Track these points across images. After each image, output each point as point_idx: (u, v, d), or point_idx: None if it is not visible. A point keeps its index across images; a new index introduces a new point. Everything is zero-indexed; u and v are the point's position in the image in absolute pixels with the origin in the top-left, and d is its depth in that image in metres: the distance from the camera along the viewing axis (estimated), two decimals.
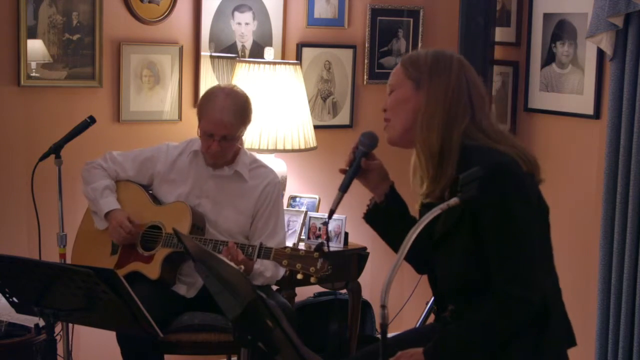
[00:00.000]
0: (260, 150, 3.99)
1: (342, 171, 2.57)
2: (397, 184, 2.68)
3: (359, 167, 2.56)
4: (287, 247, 3.11)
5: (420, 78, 2.43)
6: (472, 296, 2.39)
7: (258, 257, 3.14)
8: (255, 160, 3.56)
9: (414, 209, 2.62)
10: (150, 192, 3.56)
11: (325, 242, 3.56)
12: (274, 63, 4.07)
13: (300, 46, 4.47)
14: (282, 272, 3.43)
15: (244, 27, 4.31)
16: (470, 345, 2.36)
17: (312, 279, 3.01)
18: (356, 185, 4.94)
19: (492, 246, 2.32)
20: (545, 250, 2.42)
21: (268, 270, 3.36)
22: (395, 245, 2.61)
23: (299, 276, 3.03)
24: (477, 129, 2.41)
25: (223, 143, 3.37)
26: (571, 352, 2.48)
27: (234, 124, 3.36)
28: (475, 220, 2.33)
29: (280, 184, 3.58)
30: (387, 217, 2.61)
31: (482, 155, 2.34)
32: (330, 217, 2.55)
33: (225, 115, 3.34)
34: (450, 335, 2.39)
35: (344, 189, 2.53)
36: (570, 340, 2.49)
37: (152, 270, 3.35)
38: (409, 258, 2.65)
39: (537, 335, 2.37)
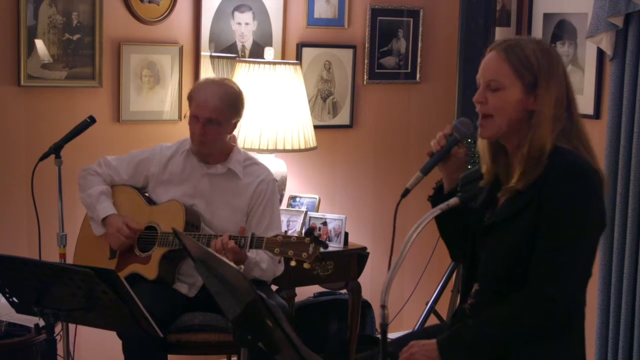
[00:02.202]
0: (260, 150, 3.99)
1: (430, 154, 2.50)
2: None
3: (448, 153, 2.49)
4: (279, 234, 3.11)
5: (534, 82, 2.35)
6: (502, 292, 2.36)
7: (250, 247, 3.14)
8: (249, 158, 3.57)
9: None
10: (146, 194, 3.56)
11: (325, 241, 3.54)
12: (274, 63, 4.07)
13: (300, 46, 4.46)
14: (280, 268, 3.43)
15: (244, 27, 4.31)
16: (486, 336, 2.32)
17: (306, 265, 3.00)
18: (356, 185, 4.95)
19: (542, 243, 2.29)
20: (587, 266, 2.38)
21: (264, 262, 3.35)
22: (446, 233, 2.60)
23: (292, 263, 3.02)
24: (571, 128, 2.38)
25: (207, 127, 3.38)
26: None
27: (219, 107, 3.37)
28: (539, 212, 2.30)
29: (275, 181, 3.57)
30: None
31: (570, 157, 2.32)
32: (404, 195, 2.44)
33: (211, 97, 3.37)
34: (466, 327, 2.37)
35: (426, 171, 2.45)
36: None
37: (150, 271, 3.36)
38: (451, 242, 2.64)
39: (553, 347, 2.33)
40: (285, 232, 3.71)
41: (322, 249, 3.02)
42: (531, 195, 2.32)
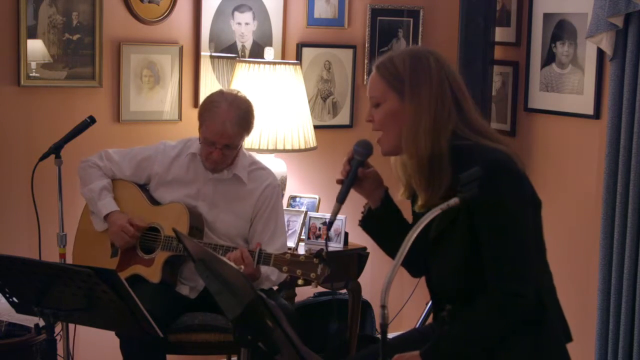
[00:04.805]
0: (260, 150, 3.99)
1: (339, 182, 2.54)
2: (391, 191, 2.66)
3: (356, 176, 2.53)
4: (287, 252, 3.08)
5: (403, 89, 2.39)
6: (469, 297, 2.38)
7: (257, 263, 3.12)
8: (254, 162, 3.54)
9: (406, 214, 2.61)
10: (147, 190, 3.55)
11: (324, 247, 3.54)
12: (274, 63, 4.07)
13: (300, 46, 4.47)
14: (284, 275, 3.43)
15: (244, 27, 4.31)
16: (466, 343, 2.35)
17: (313, 285, 3.00)
18: (357, 186, 4.92)
19: (487, 244, 2.32)
20: (538, 246, 2.41)
21: (274, 274, 3.35)
22: (391, 250, 2.60)
23: (300, 282, 3.03)
24: (465, 126, 2.39)
25: (225, 151, 3.36)
26: (571, 352, 2.48)
27: (237, 134, 3.34)
28: (471, 218, 2.32)
29: (280, 186, 3.56)
30: (383, 222, 2.61)
31: (475, 154, 2.33)
32: (329, 228, 2.53)
33: (229, 125, 3.31)
34: (446, 336, 2.38)
35: (341, 199, 2.50)
36: (566, 336, 2.48)
37: (153, 274, 3.35)
38: (403, 263, 2.65)
39: (536, 332, 2.36)
40: (293, 250, 3.69)
41: (329, 271, 3.01)
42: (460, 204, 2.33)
